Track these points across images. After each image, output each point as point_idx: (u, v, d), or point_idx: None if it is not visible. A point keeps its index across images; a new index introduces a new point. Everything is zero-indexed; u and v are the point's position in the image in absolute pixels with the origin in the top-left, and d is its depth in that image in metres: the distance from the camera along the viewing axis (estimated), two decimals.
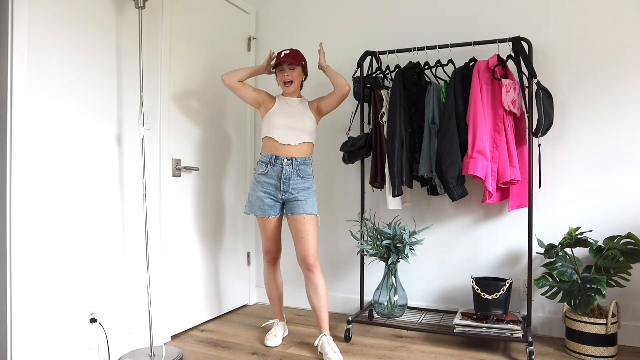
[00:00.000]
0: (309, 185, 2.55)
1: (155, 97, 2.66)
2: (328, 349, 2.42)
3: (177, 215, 2.82)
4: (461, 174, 2.53)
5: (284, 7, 3.51)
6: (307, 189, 2.54)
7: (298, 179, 2.52)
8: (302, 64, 2.57)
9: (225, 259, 3.26)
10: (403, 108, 2.69)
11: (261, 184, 2.55)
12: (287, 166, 2.51)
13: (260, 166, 2.58)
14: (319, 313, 2.52)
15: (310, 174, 2.57)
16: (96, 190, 2.33)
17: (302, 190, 2.52)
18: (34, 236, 2.04)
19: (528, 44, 2.51)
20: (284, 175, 2.51)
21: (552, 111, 2.50)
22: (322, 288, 2.51)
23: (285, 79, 2.54)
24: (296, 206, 2.51)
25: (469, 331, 2.48)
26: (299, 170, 2.53)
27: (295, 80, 2.55)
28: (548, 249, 2.51)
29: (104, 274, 2.36)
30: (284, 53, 2.52)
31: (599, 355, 2.36)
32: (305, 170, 2.55)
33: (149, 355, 2.42)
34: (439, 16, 3.05)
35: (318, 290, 2.51)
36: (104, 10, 2.36)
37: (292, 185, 2.51)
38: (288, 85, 2.55)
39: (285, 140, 2.52)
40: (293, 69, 2.54)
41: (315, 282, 2.51)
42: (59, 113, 2.15)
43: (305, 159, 2.55)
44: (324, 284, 2.53)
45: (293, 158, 2.51)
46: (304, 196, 2.51)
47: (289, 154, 2.51)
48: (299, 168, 2.53)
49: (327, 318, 2.52)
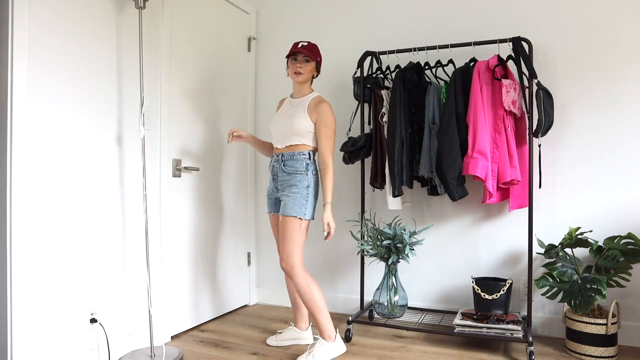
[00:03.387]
0: (295, 181, 2.42)
1: (155, 97, 2.66)
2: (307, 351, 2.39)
3: (177, 215, 2.82)
4: (461, 174, 2.53)
5: (284, 7, 3.51)
6: (293, 185, 2.42)
7: (284, 174, 2.46)
8: (317, 59, 2.49)
9: (225, 259, 3.26)
10: (403, 108, 2.69)
11: (269, 181, 2.60)
12: (275, 162, 2.52)
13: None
14: (311, 317, 2.45)
15: (299, 169, 2.43)
16: (96, 190, 2.33)
17: (287, 187, 2.44)
18: (34, 236, 2.04)
19: (528, 44, 2.51)
20: (272, 171, 2.53)
21: (552, 111, 2.50)
22: (301, 292, 2.39)
23: (296, 70, 2.44)
24: (280, 205, 2.49)
25: (469, 331, 2.48)
26: (284, 165, 2.45)
27: (306, 74, 2.46)
28: (548, 249, 2.51)
29: (104, 274, 2.36)
30: (300, 44, 2.44)
31: (599, 355, 2.36)
32: (292, 165, 2.44)
33: (149, 355, 2.42)
34: (439, 16, 3.05)
35: (299, 295, 2.42)
36: (104, 11, 2.36)
37: (279, 182, 2.49)
38: (297, 75, 2.45)
39: (276, 143, 2.54)
40: (308, 61, 2.45)
41: (296, 287, 2.40)
42: (58, 113, 2.15)
43: (293, 154, 2.44)
44: (303, 288, 2.38)
45: (281, 154, 2.49)
46: (287, 195, 2.42)
47: (277, 152, 2.53)
48: (285, 163, 2.46)
49: (319, 322, 2.40)
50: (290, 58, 2.48)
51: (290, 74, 2.49)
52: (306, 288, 2.38)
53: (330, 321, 2.43)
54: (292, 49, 2.46)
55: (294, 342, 2.68)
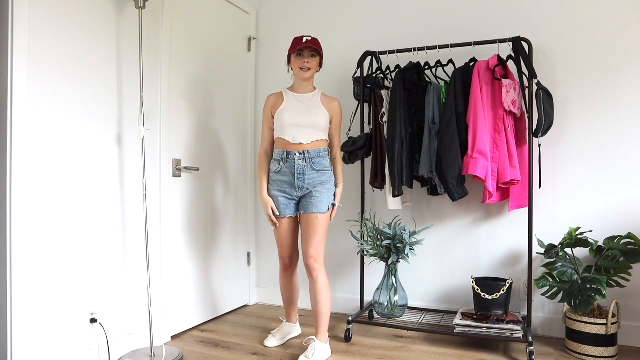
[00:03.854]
0: (326, 178, 2.43)
1: (155, 97, 2.66)
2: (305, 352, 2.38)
3: (177, 215, 2.82)
4: (461, 174, 2.53)
5: (284, 7, 3.51)
6: (324, 182, 2.42)
7: (313, 172, 2.41)
8: (321, 53, 2.48)
9: (226, 259, 3.26)
10: (403, 108, 2.69)
11: (275, 182, 2.47)
12: (300, 160, 2.40)
13: (273, 164, 2.50)
14: (316, 317, 2.43)
15: (327, 166, 2.45)
16: (96, 190, 2.33)
17: (318, 184, 2.41)
18: (34, 236, 2.04)
19: (528, 44, 2.51)
20: (297, 170, 2.40)
21: (552, 111, 2.50)
22: (322, 292, 2.39)
23: (303, 65, 2.41)
24: (309, 203, 2.40)
25: (469, 331, 2.48)
26: (313, 163, 2.41)
27: (313, 69, 2.45)
28: (548, 249, 2.51)
29: (104, 274, 2.36)
30: (305, 39, 2.41)
31: (599, 355, 2.36)
32: (320, 163, 2.42)
33: (149, 355, 2.42)
34: (439, 16, 3.05)
35: (318, 295, 2.40)
36: (104, 11, 2.36)
37: (307, 180, 2.40)
38: (305, 71, 2.42)
39: (296, 139, 2.41)
40: (314, 55, 2.43)
41: (315, 285, 2.40)
42: (58, 113, 2.15)
43: (320, 151, 2.43)
44: (325, 288, 2.40)
45: (305, 151, 2.41)
46: (319, 192, 2.40)
47: (300, 149, 2.42)
48: (313, 161, 2.41)
49: (325, 324, 2.42)
50: (295, 54, 2.44)
51: (296, 70, 2.45)
52: (328, 287, 2.43)
53: None
54: (296, 44, 2.42)
55: (290, 337, 2.74)
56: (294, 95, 2.51)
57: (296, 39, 2.45)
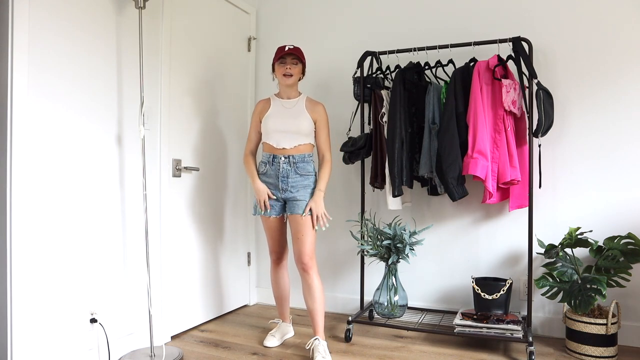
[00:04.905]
0: (308, 182, 2.52)
1: (155, 97, 2.66)
2: (316, 353, 2.39)
3: (177, 215, 2.82)
4: (461, 174, 2.53)
5: (284, 7, 3.51)
6: (306, 186, 2.51)
7: (296, 176, 2.50)
8: (303, 61, 2.56)
9: (226, 259, 3.26)
10: (403, 108, 2.69)
11: (267, 183, 2.56)
12: (284, 164, 2.50)
13: (260, 166, 2.59)
14: (312, 315, 2.48)
15: (310, 171, 2.53)
16: (96, 190, 2.33)
17: (301, 188, 2.50)
18: (34, 236, 2.04)
19: (528, 44, 2.51)
20: (281, 173, 2.50)
21: (552, 111, 2.50)
22: (317, 290, 2.47)
23: (285, 72, 2.50)
24: (295, 205, 2.49)
25: (469, 331, 2.48)
26: (297, 168, 2.50)
27: (296, 75, 2.53)
28: (548, 249, 2.51)
29: (104, 274, 2.36)
30: (287, 47, 2.50)
31: (599, 355, 2.36)
32: (304, 167, 2.51)
33: (149, 355, 2.42)
34: (439, 16, 3.05)
35: (312, 292, 2.47)
36: (104, 10, 2.36)
37: (290, 183, 2.50)
38: (287, 77, 2.50)
39: (280, 144, 2.51)
40: (296, 63, 2.52)
41: (309, 283, 2.48)
42: (58, 113, 2.15)
43: (304, 156, 2.53)
44: (319, 285, 2.48)
45: (290, 156, 2.50)
46: (303, 195, 2.49)
47: (285, 153, 2.51)
48: (297, 165, 2.50)
49: (322, 321, 2.48)
50: (278, 62, 2.53)
51: (279, 77, 2.54)
52: (321, 286, 2.50)
53: None
54: (279, 52, 2.52)
55: (287, 337, 2.78)
56: (280, 101, 2.59)
57: (279, 48, 2.54)
